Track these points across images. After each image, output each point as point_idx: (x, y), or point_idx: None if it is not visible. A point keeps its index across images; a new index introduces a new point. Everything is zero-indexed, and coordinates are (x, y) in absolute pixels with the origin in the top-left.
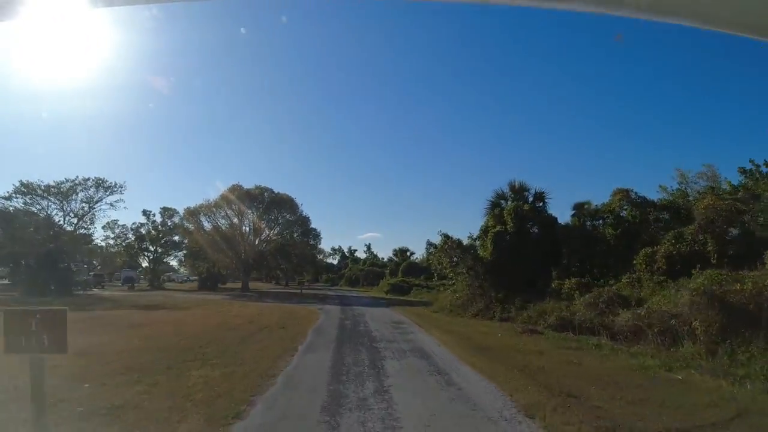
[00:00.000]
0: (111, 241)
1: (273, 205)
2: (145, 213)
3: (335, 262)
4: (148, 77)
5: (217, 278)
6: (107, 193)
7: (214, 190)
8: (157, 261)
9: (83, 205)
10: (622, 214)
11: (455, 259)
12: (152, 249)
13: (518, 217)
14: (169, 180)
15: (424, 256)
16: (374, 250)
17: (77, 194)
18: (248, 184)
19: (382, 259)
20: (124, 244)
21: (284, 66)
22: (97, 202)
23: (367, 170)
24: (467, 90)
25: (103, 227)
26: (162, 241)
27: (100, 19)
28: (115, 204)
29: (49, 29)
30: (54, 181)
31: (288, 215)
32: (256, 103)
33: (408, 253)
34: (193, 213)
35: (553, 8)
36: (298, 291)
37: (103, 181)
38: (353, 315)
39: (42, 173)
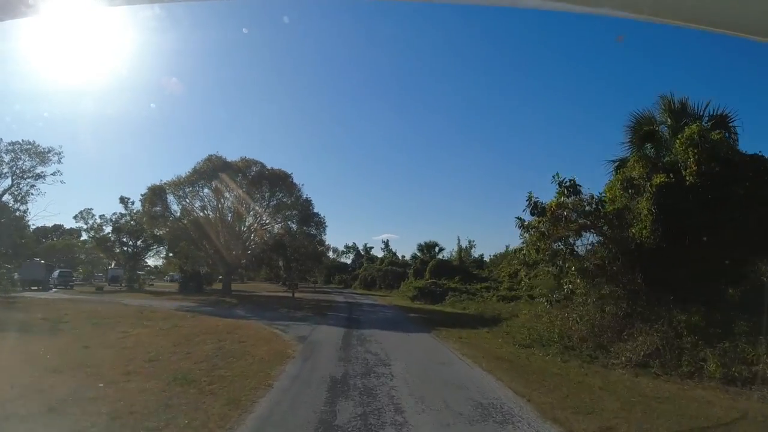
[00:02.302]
0: (84, 234)
1: (262, 179)
2: (122, 200)
3: (349, 261)
4: (149, 76)
5: (200, 278)
6: (40, 162)
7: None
8: (138, 256)
9: (12, 178)
10: None
11: (571, 239)
12: (130, 243)
13: (709, 155)
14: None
15: (454, 253)
16: (393, 248)
17: (5, 163)
18: None
19: (403, 257)
20: (96, 236)
21: (288, 65)
22: (27, 175)
23: (382, 167)
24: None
25: (74, 217)
26: (145, 234)
27: (100, 19)
28: (49, 177)
29: (48, 28)
30: None
31: (282, 196)
32: (261, 102)
33: (437, 249)
34: (157, 192)
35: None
36: (293, 296)
37: (34, 146)
38: (365, 364)
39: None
